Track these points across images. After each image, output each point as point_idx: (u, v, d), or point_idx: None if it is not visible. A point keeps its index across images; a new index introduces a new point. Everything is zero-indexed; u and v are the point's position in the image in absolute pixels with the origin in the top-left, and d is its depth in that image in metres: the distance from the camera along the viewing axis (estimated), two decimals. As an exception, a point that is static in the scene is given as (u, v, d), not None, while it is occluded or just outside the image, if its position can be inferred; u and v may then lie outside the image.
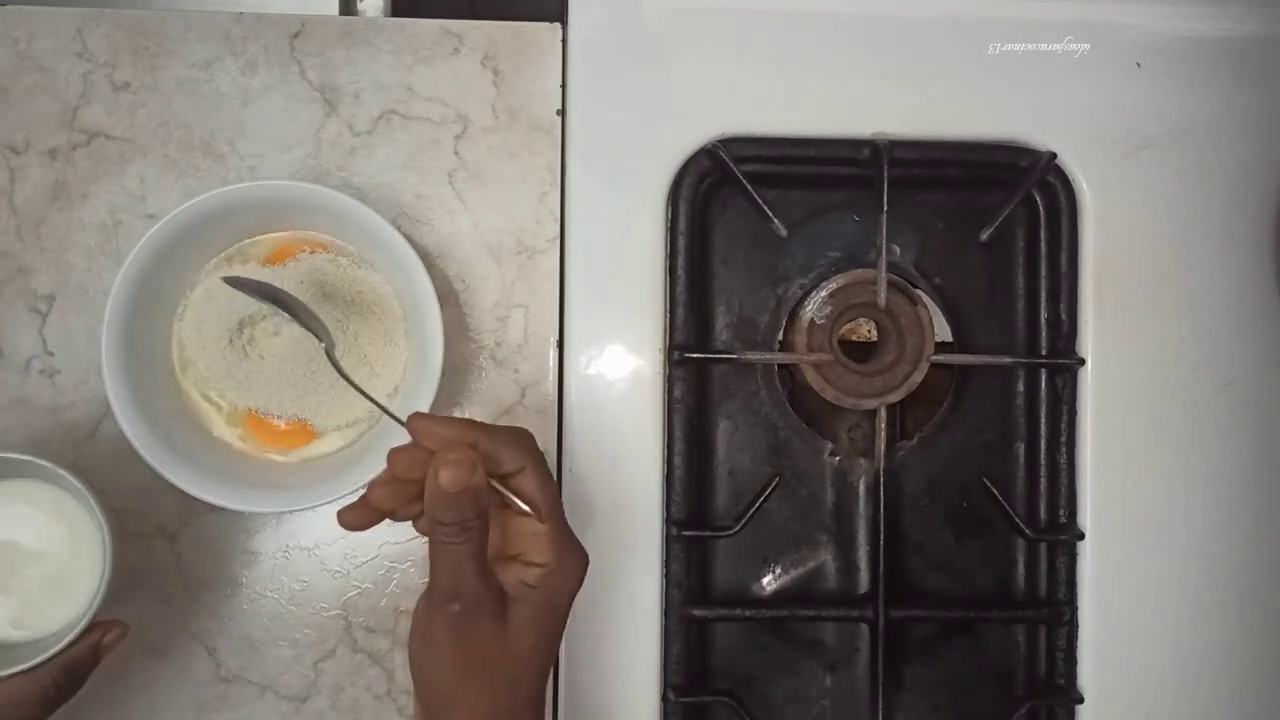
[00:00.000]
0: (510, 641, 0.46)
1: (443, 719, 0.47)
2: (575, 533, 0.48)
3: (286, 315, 0.53)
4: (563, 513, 0.47)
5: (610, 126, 0.60)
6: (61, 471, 0.50)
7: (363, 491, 0.47)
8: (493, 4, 0.63)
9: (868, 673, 0.62)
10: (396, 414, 0.52)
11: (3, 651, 0.51)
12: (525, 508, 0.46)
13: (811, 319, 0.60)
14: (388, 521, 0.48)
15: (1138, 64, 0.61)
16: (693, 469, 0.61)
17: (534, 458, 0.47)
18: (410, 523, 0.48)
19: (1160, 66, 0.62)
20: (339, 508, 0.47)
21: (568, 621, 0.48)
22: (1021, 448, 0.63)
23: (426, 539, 0.47)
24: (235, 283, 0.53)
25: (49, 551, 0.53)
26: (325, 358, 0.57)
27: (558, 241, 0.61)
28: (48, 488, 0.53)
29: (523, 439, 0.47)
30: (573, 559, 0.47)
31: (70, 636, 0.49)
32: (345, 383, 0.58)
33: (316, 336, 0.52)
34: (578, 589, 0.47)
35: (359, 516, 0.46)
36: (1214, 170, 0.62)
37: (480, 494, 0.44)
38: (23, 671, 0.49)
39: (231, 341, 0.57)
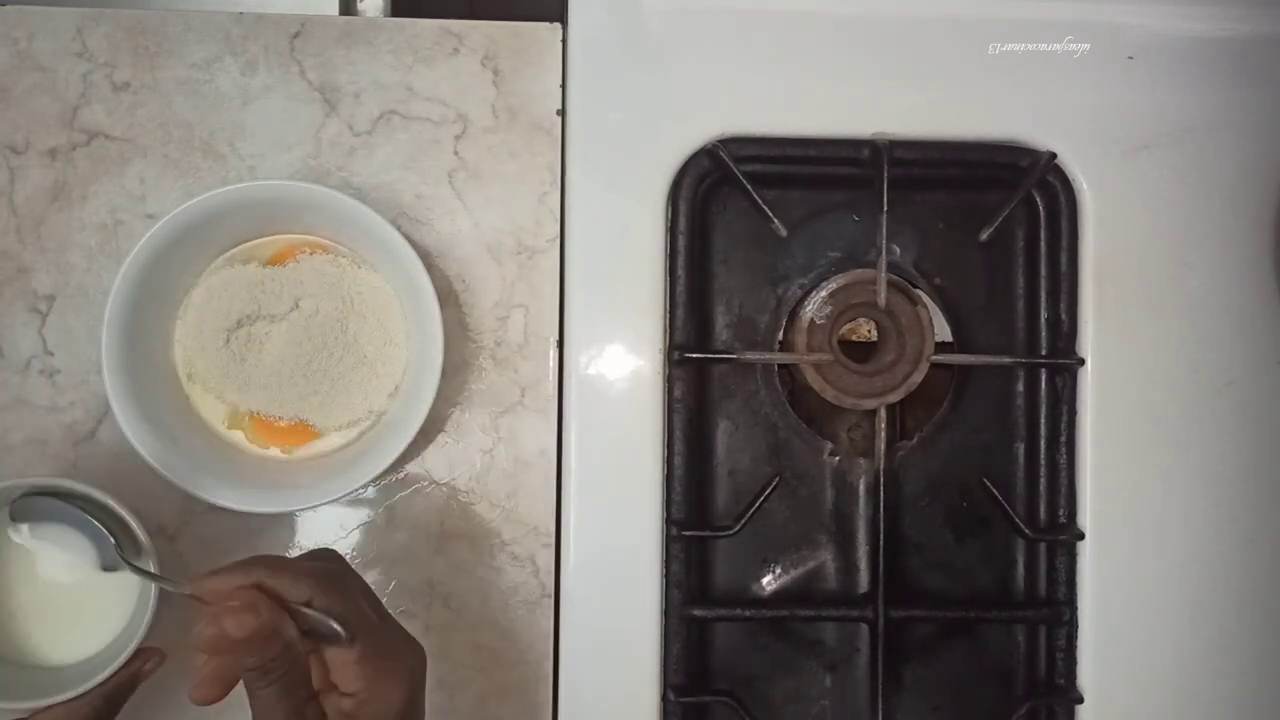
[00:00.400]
0: None
1: None
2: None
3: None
4: (377, 634, 0.45)
5: (610, 126, 0.60)
6: (108, 501, 0.50)
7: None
8: (493, 4, 0.63)
9: (868, 673, 0.62)
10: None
11: (41, 676, 0.51)
12: (335, 637, 0.43)
13: (811, 319, 0.60)
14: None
15: (1130, 57, 0.61)
16: (693, 469, 0.61)
17: (324, 584, 0.44)
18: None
19: (1160, 66, 0.62)
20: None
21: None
22: (1021, 448, 0.63)
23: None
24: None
25: (85, 577, 0.53)
26: (325, 359, 0.57)
27: (558, 241, 0.61)
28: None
29: (316, 565, 0.45)
30: (388, 683, 0.44)
31: (114, 665, 0.49)
32: (346, 384, 0.58)
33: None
34: (403, 710, 0.44)
35: (206, 693, 0.43)
36: (1214, 170, 0.62)
37: (274, 633, 0.42)
38: (66, 701, 0.49)
39: (230, 342, 0.57)
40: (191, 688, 0.42)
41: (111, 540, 0.50)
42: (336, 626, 0.43)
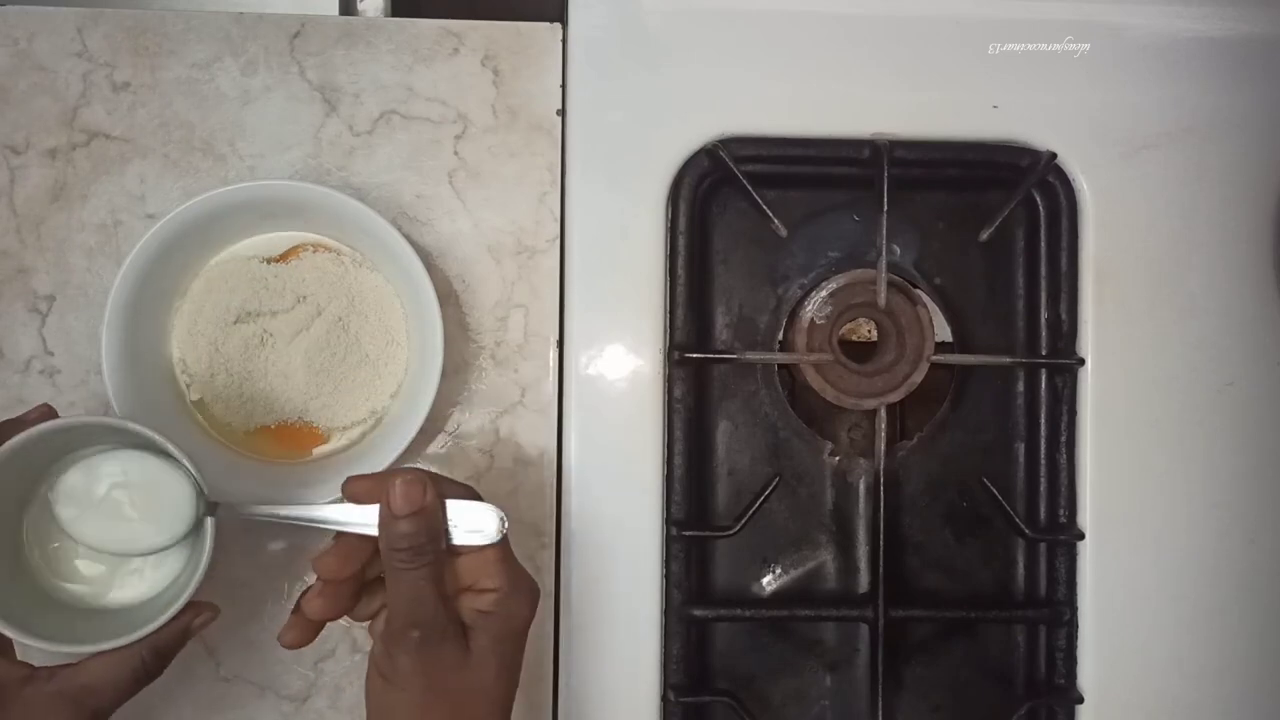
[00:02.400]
0: (473, 670, 0.45)
1: None
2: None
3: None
4: (509, 547, 0.47)
5: (610, 126, 0.60)
6: (168, 446, 0.48)
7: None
8: (493, 4, 0.63)
9: (868, 673, 0.62)
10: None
11: (96, 619, 0.50)
12: (480, 537, 0.46)
13: (811, 319, 0.60)
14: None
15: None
16: (693, 469, 0.61)
17: (474, 492, 0.47)
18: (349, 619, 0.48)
19: (1160, 66, 0.62)
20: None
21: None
22: (1021, 448, 0.63)
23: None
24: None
25: (142, 521, 0.50)
26: (328, 358, 0.57)
27: (558, 241, 0.61)
28: (137, 457, 0.50)
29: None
30: (525, 585, 0.47)
31: (165, 617, 0.48)
32: (349, 384, 0.58)
33: None
34: (532, 616, 0.47)
35: (300, 634, 0.46)
36: (1214, 170, 0.62)
37: (435, 515, 0.44)
38: (114, 649, 0.47)
39: (230, 341, 0.57)
40: (291, 623, 0.46)
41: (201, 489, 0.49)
42: (497, 516, 0.46)
